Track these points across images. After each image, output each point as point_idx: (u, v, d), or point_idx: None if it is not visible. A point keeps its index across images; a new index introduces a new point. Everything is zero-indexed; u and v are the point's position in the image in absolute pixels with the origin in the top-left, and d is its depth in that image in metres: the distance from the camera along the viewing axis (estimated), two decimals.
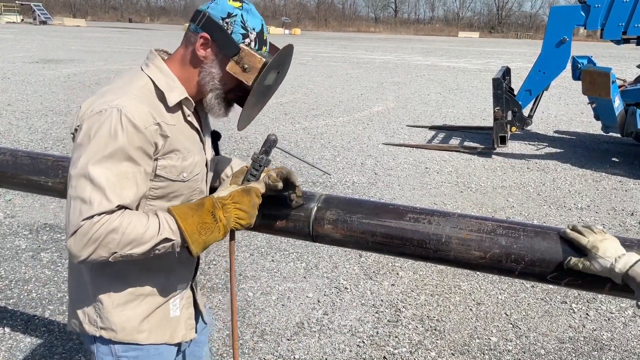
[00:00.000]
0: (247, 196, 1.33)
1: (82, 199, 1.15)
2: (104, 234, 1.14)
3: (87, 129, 1.18)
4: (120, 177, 1.17)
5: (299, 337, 2.88)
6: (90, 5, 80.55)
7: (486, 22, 77.40)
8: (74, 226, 1.14)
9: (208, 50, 1.27)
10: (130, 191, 1.19)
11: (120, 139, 1.16)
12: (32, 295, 3.20)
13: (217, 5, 1.26)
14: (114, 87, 1.26)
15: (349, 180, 5.75)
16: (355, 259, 3.83)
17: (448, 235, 1.39)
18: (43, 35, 29.15)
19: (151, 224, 1.19)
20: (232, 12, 1.26)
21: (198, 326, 1.60)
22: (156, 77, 1.27)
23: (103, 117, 1.17)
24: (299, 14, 78.34)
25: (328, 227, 1.51)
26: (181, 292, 1.45)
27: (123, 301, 1.33)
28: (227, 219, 1.29)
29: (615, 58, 24.23)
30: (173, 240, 1.22)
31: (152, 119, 1.22)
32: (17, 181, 1.93)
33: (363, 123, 8.84)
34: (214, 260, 3.72)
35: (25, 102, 9.54)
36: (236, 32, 1.26)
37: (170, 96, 1.26)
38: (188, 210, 1.25)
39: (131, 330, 1.34)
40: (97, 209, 1.14)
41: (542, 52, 6.84)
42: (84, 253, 1.15)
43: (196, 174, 1.35)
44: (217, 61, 1.28)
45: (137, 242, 1.17)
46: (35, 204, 4.71)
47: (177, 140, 1.28)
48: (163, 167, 1.26)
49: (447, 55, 26.24)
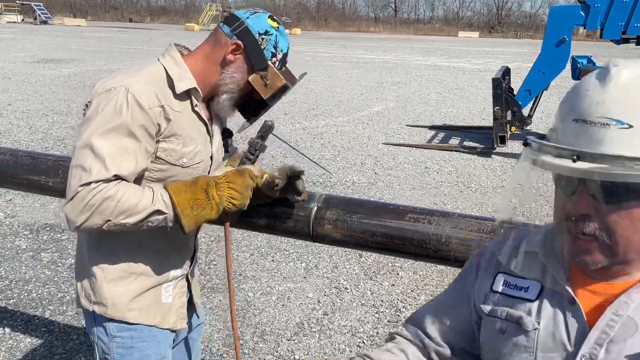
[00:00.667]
0: (241, 177, 1.36)
1: (83, 167, 1.21)
2: (100, 201, 1.20)
3: (96, 105, 1.25)
4: (121, 151, 1.23)
5: (299, 338, 2.88)
6: (91, 5, 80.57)
7: (486, 22, 77.41)
8: (72, 192, 1.21)
9: (237, 57, 1.35)
10: (130, 164, 1.24)
11: (125, 115, 1.23)
12: (32, 296, 3.20)
13: (257, 19, 1.36)
14: (128, 70, 1.36)
15: (349, 180, 5.75)
16: (355, 259, 3.83)
17: (448, 235, 1.39)
18: (43, 35, 29.17)
19: (145, 195, 1.25)
20: (269, 30, 1.36)
21: (193, 321, 1.62)
22: (169, 67, 1.34)
23: (111, 95, 1.24)
24: (299, 14, 78.35)
25: (328, 227, 1.51)
26: (175, 280, 1.47)
27: (116, 277, 1.37)
28: (219, 197, 1.33)
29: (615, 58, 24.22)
30: (165, 213, 1.27)
31: (157, 101, 1.28)
32: (18, 181, 1.94)
33: (363, 123, 8.84)
34: (214, 261, 3.72)
35: (26, 101, 9.55)
36: (268, 49, 1.36)
37: (179, 84, 1.32)
38: (182, 186, 1.30)
39: (121, 307, 1.37)
40: (95, 177, 1.20)
41: (542, 51, 6.84)
42: (80, 219, 1.21)
43: (197, 162, 1.39)
44: (242, 69, 1.37)
45: (130, 212, 1.22)
46: (35, 204, 4.71)
47: (179, 126, 1.33)
48: (163, 149, 1.31)
49: (447, 55, 26.24)
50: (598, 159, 0.71)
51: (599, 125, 0.73)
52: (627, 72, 0.75)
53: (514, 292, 0.91)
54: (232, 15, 1.38)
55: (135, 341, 1.41)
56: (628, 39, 6.66)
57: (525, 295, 0.89)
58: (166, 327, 1.45)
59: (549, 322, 0.85)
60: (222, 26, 1.38)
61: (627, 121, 0.72)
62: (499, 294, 0.93)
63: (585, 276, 0.85)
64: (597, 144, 0.73)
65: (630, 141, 0.72)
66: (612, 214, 0.76)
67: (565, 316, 0.83)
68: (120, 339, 1.40)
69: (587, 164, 0.72)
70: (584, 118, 0.75)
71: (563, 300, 0.85)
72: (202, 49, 1.39)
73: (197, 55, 1.39)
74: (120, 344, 1.40)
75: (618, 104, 0.73)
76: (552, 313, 0.85)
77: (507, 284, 0.92)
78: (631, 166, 0.69)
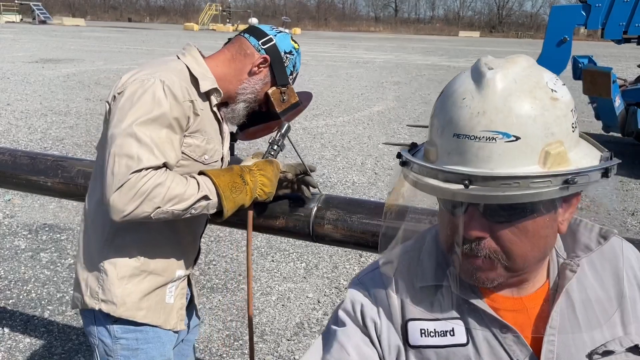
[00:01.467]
0: (271, 165, 1.43)
1: (129, 155, 1.19)
2: (151, 187, 1.19)
3: (131, 94, 1.25)
4: (165, 140, 1.25)
5: (299, 338, 2.87)
6: (90, 5, 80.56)
7: (487, 22, 77.43)
8: (121, 180, 1.18)
9: (262, 70, 1.43)
10: (173, 154, 1.27)
11: (164, 106, 1.24)
12: (32, 296, 3.19)
13: (284, 39, 1.46)
14: (153, 64, 1.36)
15: (349, 180, 5.74)
16: (355, 259, 3.82)
17: None
18: (42, 34, 29.17)
19: (191, 182, 1.27)
20: (293, 51, 1.47)
21: (191, 322, 1.63)
22: (192, 66, 1.37)
23: (147, 85, 1.25)
24: (299, 14, 78.35)
25: (328, 227, 1.51)
26: (179, 280, 1.47)
27: (128, 274, 1.36)
28: (253, 183, 1.38)
29: (615, 58, 24.24)
30: (210, 199, 1.29)
31: (188, 95, 1.31)
32: (17, 181, 1.93)
33: (363, 123, 8.83)
34: (213, 261, 3.71)
35: (25, 101, 9.54)
36: (288, 67, 1.46)
37: (203, 84, 1.35)
38: (219, 172, 1.34)
39: (131, 305, 1.35)
40: (145, 163, 1.19)
41: (543, 51, 6.83)
42: (129, 207, 1.18)
43: (215, 160, 1.43)
44: (264, 82, 1.44)
45: (179, 198, 1.23)
46: (34, 204, 4.70)
47: (203, 123, 1.36)
48: (188, 144, 1.34)
49: (447, 54, 26.24)
50: (491, 182, 0.64)
51: (484, 141, 0.66)
52: (502, 75, 0.68)
53: (442, 341, 0.77)
54: (259, 30, 1.46)
55: (140, 342, 1.39)
56: (629, 39, 6.64)
57: (455, 340, 0.77)
58: (169, 328, 1.44)
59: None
60: (249, 37, 1.43)
61: (514, 133, 0.65)
62: (424, 348, 0.78)
63: (489, 291, 0.78)
64: (486, 162, 0.66)
65: (520, 155, 0.65)
66: (507, 234, 0.70)
67: (505, 347, 0.75)
68: (125, 340, 1.38)
69: (480, 187, 0.65)
70: (467, 133, 0.67)
71: (493, 329, 0.76)
72: (223, 54, 1.44)
73: (217, 59, 1.43)
74: (125, 345, 1.38)
75: (501, 114, 0.66)
76: (489, 350, 0.76)
77: (427, 333, 0.78)
78: (527, 185, 0.63)
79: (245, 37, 1.44)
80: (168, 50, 22.36)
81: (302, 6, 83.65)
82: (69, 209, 4.58)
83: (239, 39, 1.45)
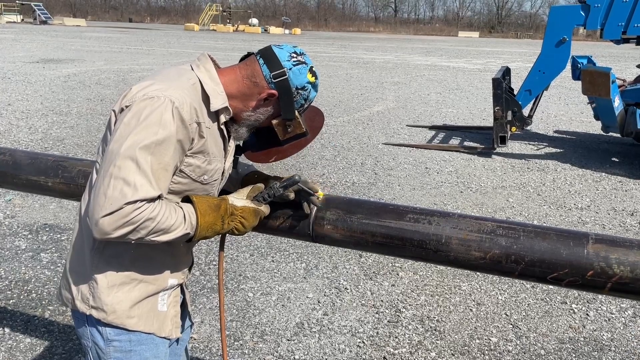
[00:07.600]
0: (254, 217, 1.44)
1: (126, 181, 1.17)
2: (142, 220, 1.19)
3: (138, 111, 1.21)
4: (163, 168, 1.23)
5: (299, 338, 2.88)
6: (91, 5, 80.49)
7: (486, 22, 77.36)
8: (114, 206, 1.16)
9: (268, 104, 1.38)
10: (167, 182, 1.26)
11: (170, 129, 1.21)
12: (32, 296, 3.20)
13: (299, 74, 1.37)
14: (166, 77, 1.32)
15: (349, 180, 5.75)
16: (355, 259, 3.82)
17: (448, 235, 1.39)
18: (43, 35, 29.15)
19: (179, 217, 1.27)
20: (306, 86, 1.39)
21: (185, 323, 1.62)
22: (205, 80, 1.34)
23: (156, 104, 1.22)
24: (299, 14, 78.28)
25: (328, 227, 1.51)
26: (171, 289, 1.46)
27: (118, 283, 1.35)
28: (228, 226, 1.39)
29: (615, 58, 24.22)
30: (190, 234, 1.31)
31: (196, 117, 1.28)
32: (17, 181, 1.93)
33: (363, 123, 8.84)
34: (214, 261, 3.72)
35: (26, 102, 9.54)
36: (299, 101, 1.40)
37: (215, 102, 1.32)
38: (208, 209, 1.33)
39: (121, 313, 1.35)
40: (141, 195, 1.18)
41: (542, 51, 6.84)
42: (115, 233, 1.18)
43: (214, 179, 1.41)
44: (269, 113, 1.40)
45: (164, 232, 1.24)
46: (35, 204, 4.71)
47: (208, 144, 1.34)
48: (188, 164, 1.32)
49: (447, 55, 26.23)
50: None
51: None
52: None
53: None
54: (275, 58, 1.36)
55: (133, 344, 1.38)
56: (628, 39, 6.65)
57: None
58: (163, 335, 1.43)
59: None
60: (262, 65, 1.35)
61: None
62: None
63: None
64: None
65: None
66: None
67: None
68: (118, 342, 1.37)
69: None
70: None
71: None
72: (234, 73, 1.37)
73: (228, 75, 1.37)
74: (118, 347, 1.37)
75: None
76: None
77: None
78: None
79: (260, 63, 1.36)
80: (168, 50, 22.36)
81: (302, 6, 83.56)
82: (69, 209, 4.59)
83: (253, 62, 1.37)
